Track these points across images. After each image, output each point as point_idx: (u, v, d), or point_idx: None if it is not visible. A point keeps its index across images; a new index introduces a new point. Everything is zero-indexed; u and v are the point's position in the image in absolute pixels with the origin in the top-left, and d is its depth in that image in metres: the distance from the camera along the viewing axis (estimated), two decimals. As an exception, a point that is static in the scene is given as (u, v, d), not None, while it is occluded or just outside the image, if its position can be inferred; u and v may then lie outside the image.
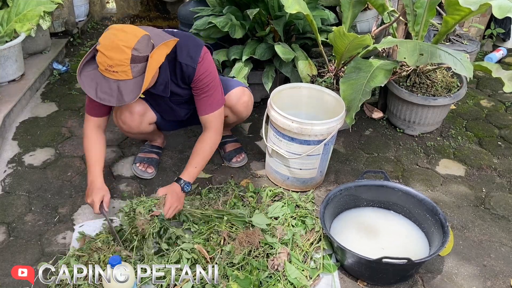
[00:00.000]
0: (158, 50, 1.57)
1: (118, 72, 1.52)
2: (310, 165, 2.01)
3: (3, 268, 1.71)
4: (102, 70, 1.54)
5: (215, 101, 1.85)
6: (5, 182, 2.18)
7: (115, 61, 1.50)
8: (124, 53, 1.49)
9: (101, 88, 1.55)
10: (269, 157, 2.12)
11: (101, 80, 1.55)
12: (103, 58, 1.51)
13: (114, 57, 1.49)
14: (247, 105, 2.05)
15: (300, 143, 1.93)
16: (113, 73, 1.52)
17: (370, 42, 2.09)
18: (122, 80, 1.54)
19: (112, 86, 1.54)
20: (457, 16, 2.15)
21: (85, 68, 1.60)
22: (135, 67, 1.53)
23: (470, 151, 2.44)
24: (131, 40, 1.51)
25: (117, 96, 1.54)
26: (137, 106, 1.94)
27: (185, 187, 1.82)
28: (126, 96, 1.54)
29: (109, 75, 1.53)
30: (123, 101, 1.54)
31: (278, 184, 2.13)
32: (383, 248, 1.75)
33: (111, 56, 1.49)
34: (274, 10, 2.50)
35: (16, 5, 2.82)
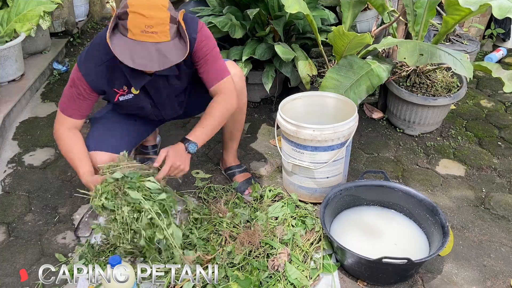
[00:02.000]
0: (180, 17, 1.47)
1: (157, 33, 1.39)
2: (336, 171, 1.97)
3: (3, 268, 1.71)
4: (136, 33, 1.38)
5: (221, 67, 1.71)
6: (5, 182, 2.18)
7: (156, 20, 1.37)
8: (163, 11, 1.39)
9: (137, 54, 1.40)
10: (290, 175, 2.01)
11: (134, 46, 1.40)
12: (139, 19, 1.37)
13: (155, 16, 1.37)
14: (240, 75, 1.87)
15: (325, 150, 1.87)
16: (151, 34, 1.38)
17: (370, 41, 2.10)
18: (161, 43, 1.41)
19: (150, 49, 1.40)
20: (457, 16, 2.15)
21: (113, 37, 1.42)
22: (172, 28, 1.42)
23: (470, 151, 2.44)
24: (165, 0, 1.42)
25: (159, 59, 1.40)
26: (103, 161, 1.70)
27: (190, 147, 1.65)
28: (171, 57, 1.42)
29: (146, 38, 1.39)
30: (169, 62, 1.42)
31: (305, 199, 2.03)
32: (383, 248, 1.75)
33: (151, 14, 1.37)
34: (274, 10, 2.50)
35: (16, 5, 2.82)
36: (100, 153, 1.74)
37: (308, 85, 2.43)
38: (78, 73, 1.62)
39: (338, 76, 2.19)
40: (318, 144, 1.85)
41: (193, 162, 2.32)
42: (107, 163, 1.63)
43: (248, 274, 1.62)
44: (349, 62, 2.23)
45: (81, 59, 1.63)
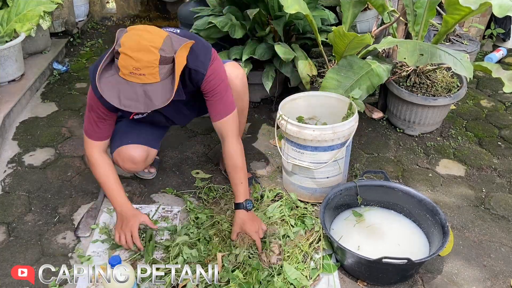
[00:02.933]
0: (180, 52, 1.47)
1: (145, 75, 1.39)
2: (336, 171, 1.96)
3: (3, 268, 1.71)
4: (125, 74, 1.40)
5: (227, 103, 1.74)
6: (5, 182, 2.18)
7: (143, 63, 1.38)
8: (153, 53, 1.38)
9: (124, 95, 1.41)
10: (290, 175, 2.02)
11: (123, 85, 1.41)
12: (128, 61, 1.38)
13: (142, 59, 1.37)
14: (242, 77, 1.89)
15: (325, 150, 1.87)
16: (139, 76, 1.39)
17: (370, 41, 2.10)
18: (148, 84, 1.41)
19: (137, 90, 1.41)
20: (457, 15, 2.15)
21: (103, 75, 1.45)
22: (162, 69, 1.42)
23: (470, 151, 2.44)
24: (158, 41, 1.40)
25: (145, 101, 1.42)
26: (139, 154, 1.85)
27: (248, 206, 1.74)
28: (155, 100, 1.42)
29: (134, 79, 1.40)
30: (153, 105, 1.42)
31: (305, 199, 2.04)
32: (383, 248, 1.75)
33: (139, 57, 1.37)
34: (274, 10, 2.50)
35: (16, 5, 2.82)
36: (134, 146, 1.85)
37: (308, 85, 2.43)
38: (93, 97, 1.63)
39: (338, 76, 2.19)
40: (318, 144, 1.85)
41: (193, 162, 2.33)
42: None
43: (247, 275, 1.61)
44: (349, 62, 2.23)
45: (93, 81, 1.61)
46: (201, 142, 2.49)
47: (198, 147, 2.45)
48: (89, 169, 2.27)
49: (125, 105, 1.42)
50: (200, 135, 2.55)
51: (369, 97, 2.82)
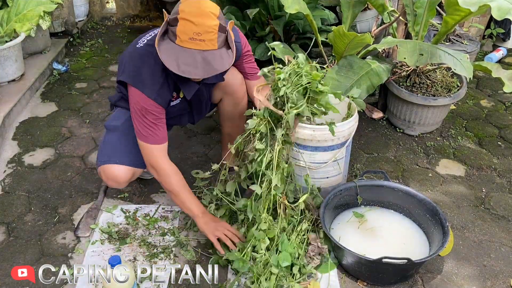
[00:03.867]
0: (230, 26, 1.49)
1: (205, 41, 1.39)
2: (336, 171, 1.96)
3: (3, 268, 1.71)
4: (184, 40, 1.39)
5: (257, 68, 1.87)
6: (5, 182, 2.18)
7: (204, 28, 1.37)
8: (213, 19, 1.39)
9: (183, 61, 1.40)
10: None
11: (181, 52, 1.40)
12: (188, 26, 1.37)
13: (204, 23, 1.37)
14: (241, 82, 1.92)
15: (325, 150, 1.87)
16: (199, 42, 1.38)
17: (370, 41, 2.09)
18: (207, 51, 1.41)
19: (196, 57, 1.40)
20: (457, 16, 2.15)
21: (161, 43, 1.44)
22: (220, 37, 1.42)
23: (470, 151, 2.44)
24: (216, 8, 1.42)
25: (204, 67, 1.40)
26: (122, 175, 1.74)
27: None
28: (216, 65, 1.41)
29: (193, 45, 1.39)
30: (213, 70, 1.42)
31: None
32: (383, 248, 1.75)
33: (200, 22, 1.37)
34: (274, 10, 2.50)
35: (16, 5, 2.82)
36: (119, 167, 1.73)
37: (308, 85, 2.43)
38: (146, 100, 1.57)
39: (338, 76, 2.18)
40: (318, 144, 1.85)
41: (193, 162, 2.33)
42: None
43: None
44: (349, 62, 2.23)
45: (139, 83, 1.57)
46: (201, 142, 2.49)
47: (198, 147, 2.45)
48: (89, 169, 2.27)
49: (183, 70, 1.40)
50: (200, 135, 2.55)
51: (369, 97, 2.82)
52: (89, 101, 2.93)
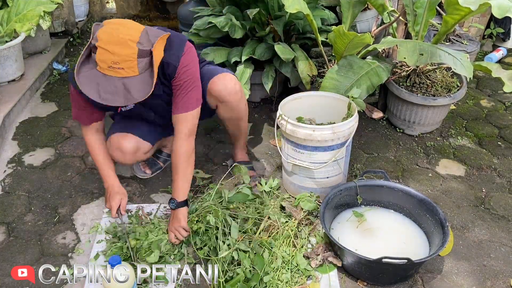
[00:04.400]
0: (157, 45, 1.48)
1: (124, 69, 1.41)
2: (336, 171, 1.97)
3: (3, 268, 1.71)
4: (104, 68, 1.41)
5: (191, 100, 1.71)
6: (5, 182, 2.18)
7: (122, 57, 1.39)
8: (131, 47, 1.40)
9: (103, 88, 1.43)
10: (290, 175, 2.02)
11: (102, 79, 1.43)
12: (106, 55, 1.39)
13: (121, 53, 1.39)
14: (235, 91, 1.86)
15: (325, 150, 1.87)
16: (118, 70, 1.41)
17: (370, 41, 2.10)
18: (127, 77, 1.43)
19: (117, 84, 1.42)
20: (456, 16, 2.15)
21: (82, 69, 1.46)
22: (141, 62, 1.43)
23: (470, 151, 2.44)
24: (135, 34, 1.42)
25: (124, 94, 1.43)
26: (128, 144, 1.86)
27: (170, 205, 1.77)
28: (135, 94, 1.44)
29: (112, 73, 1.41)
30: (133, 99, 1.44)
31: None
32: (383, 248, 1.75)
33: (117, 51, 1.38)
34: (274, 10, 2.50)
35: (16, 5, 2.82)
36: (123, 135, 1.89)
37: (308, 85, 2.43)
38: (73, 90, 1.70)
39: (338, 76, 2.18)
40: (318, 144, 1.85)
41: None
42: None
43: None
44: (349, 62, 2.23)
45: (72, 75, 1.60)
46: (201, 142, 2.49)
47: (198, 147, 2.44)
48: (89, 169, 2.28)
49: (104, 98, 1.43)
50: (200, 135, 2.55)
51: (369, 97, 2.82)
52: (89, 101, 2.93)
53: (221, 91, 1.85)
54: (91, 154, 1.90)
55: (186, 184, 1.78)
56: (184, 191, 1.76)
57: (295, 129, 1.85)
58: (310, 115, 2.11)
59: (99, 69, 1.43)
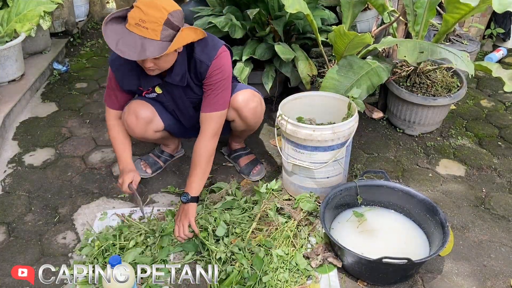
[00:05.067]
0: (188, 30, 1.57)
1: (148, 29, 1.49)
2: (337, 170, 1.96)
3: (3, 268, 1.71)
4: (131, 24, 1.51)
5: (220, 101, 1.80)
6: (5, 182, 2.18)
7: (150, 17, 1.48)
8: (161, 12, 1.49)
9: (123, 41, 1.51)
10: (290, 175, 2.02)
11: (126, 34, 1.52)
12: (137, 12, 1.49)
13: (150, 13, 1.48)
14: (255, 111, 1.94)
15: (325, 150, 1.87)
16: (142, 28, 1.49)
17: (370, 41, 2.10)
18: (148, 38, 1.51)
19: (136, 40, 1.51)
20: (457, 14, 2.15)
21: (111, 22, 1.56)
22: (165, 31, 1.51)
23: (470, 151, 2.44)
24: (171, 5, 1.53)
25: (139, 51, 1.50)
26: (144, 112, 1.92)
27: (182, 198, 1.78)
28: (148, 51, 1.50)
29: (137, 30, 1.50)
30: (145, 55, 1.50)
31: None
32: (383, 248, 1.75)
33: (148, 11, 1.48)
34: (274, 10, 2.50)
35: (16, 5, 2.82)
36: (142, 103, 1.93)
37: (308, 85, 2.43)
38: (110, 70, 1.83)
39: (338, 76, 2.18)
40: (318, 144, 1.85)
41: (193, 162, 2.33)
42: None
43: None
44: (349, 62, 2.23)
45: (112, 57, 1.80)
46: (201, 142, 2.49)
47: (198, 147, 2.45)
48: (89, 169, 2.28)
49: (119, 49, 1.51)
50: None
51: (369, 97, 2.82)
52: (89, 101, 2.93)
53: (240, 103, 1.90)
54: (110, 136, 1.97)
55: (202, 182, 1.83)
56: (198, 188, 1.81)
57: (295, 129, 1.85)
58: (310, 115, 2.11)
59: (127, 26, 1.53)
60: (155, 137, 2.06)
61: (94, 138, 2.53)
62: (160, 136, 2.09)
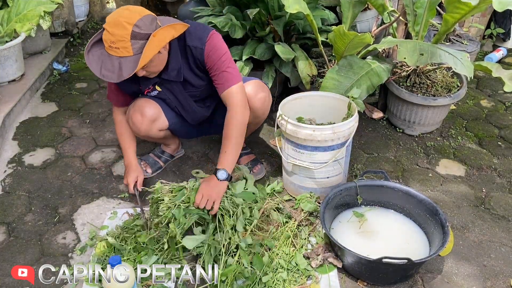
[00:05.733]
0: (162, 30, 1.59)
1: (119, 48, 1.54)
2: (337, 170, 1.96)
3: (3, 268, 1.71)
4: (107, 47, 1.57)
5: (231, 75, 1.78)
6: (5, 182, 2.18)
7: (117, 37, 1.53)
8: (125, 28, 1.52)
9: (104, 66, 1.59)
10: (290, 175, 2.02)
11: (105, 58, 1.59)
12: (106, 35, 1.55)
13: (116, 33, 1.52)
14: (264, 101, 1.94)
15: (325, 150, 1.87)
16: (115, 49, 1.55)
17: (370, 41, 2.10)
18: (123, 57, 1.56)
19: (114, 63, 1.57)
20: (457, 14, 2.15)
21: (93, 48, 1.63)
22: (135, 44, 1.55)
23: (470, 151, 2.44)
24: (133, 17, 1.54)
25: (118, 72, 1.57)
26: (149, 110, 1.94)
27: (219, 175, 1.70)
28: (125, 71, 1.56)
29: (112, 52, 1.56)
30: (122, 76, 1.56)
31: None
32: (383, 248, 1.75)
33: (113, 32, 1.53)
34: (274, 10, 2.50)
35: (16, 5, 2.82)
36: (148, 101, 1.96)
37: (308, 85, 2.43)
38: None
39: (338, 76, 2.19)
40: (318, 144, 1.85)
41: (193, 162, 2.33)
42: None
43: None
44: (349, 62, 2.23)
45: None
46: (201, 142, 2.49)
47: (198, 147, 2.45)
48: (89, 169, 2.28)
49: (103, 75, 1.59)
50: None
51: (369, 97, 2.82)
52: (89, 101, 2.93)
53: (251, 93, 1.90)
54: (116, 132, 2.04)
55: (236, 156, 1.78)
56: (232, 163, 1.76)
57: (296, 129, 1.85)
58: (310, 115, 2.11)
59: (105, 48, 1.59)
60: (159, 136, 2.07)
61: (94, 138, 2.53)
62: (163, 135, 2.10)
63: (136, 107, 1.95)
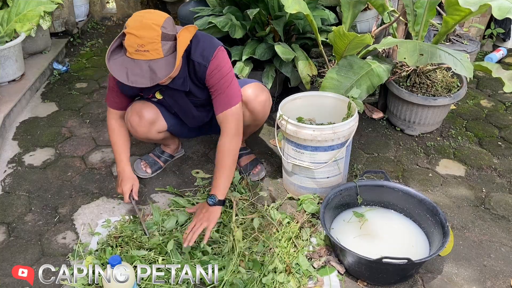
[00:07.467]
0: (183, 32, 1.57)
1: (149, 51, 1.50)
2: (336, 171, 1.96)
3: (3, 268, 1.71)
4: (132, 52, 1.51)
5: (229, 97, 1.76)
6: (5, 182, 2.18)
7: (146, 39, 1.48)
8: (155, 30, 1.49)
9: (132, 72, 1.52)
10: (290, 175, 2.02)
11: (131, 64, 1.53)
12: (132, 39, 1.49)
13: (145, 35, 1.48)
14: (264, 104, 1.94)
15: (325, 150, 1.87)
16: (144, 52, 1.50)
17: (370, 41, 2.10)
18: (153, 60, 1.51)
19: (143, 67, 1.51)
20: (457, 16, 2.15)
21: (112, 56, 1.57)
22: (165, 45, 1.52)
23: (470, 151, 2.44)
24: (159, 19, 1.52)
25: (150, 76, 1.51)
26: (148, 113, 1.93)
27: (209, 200, 1.74)
28: (159, 73, 1.51)
29: (139, 56, 1.51)
30: (157, 78, 1.51)
31: None
32: (383, 248, 1.75)
33: (142, 34, 1.48)
34: (274, 10, 2.50)
35: (16, 5, 2.82)
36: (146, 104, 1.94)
37: (308, 85, 2.43)
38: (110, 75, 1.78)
39: (338, 76, 2.19)
40: (318, 144, 1.85)
41: (193, 162, 2.33)
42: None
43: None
44: (349, 62, 2.23)
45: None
46: (201, 142, 2.49)
47: (198, 147, 2.45)
48: (89, 169, 2.28)
49: (132, 81, 1.53)
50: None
51: (369, 97, 2.82)
52: (89, 101, 2.93)
53: (250, 96, 1.90)
54: (110, 137, 1.97)
55: (228, 183, 1.79)
56: (225, 190, 1.77)
57: (295, 129, 1.85)
58: (310, 115, 2.11)
59: (128, 54, 1.53)
60: (158, 137, 2.07)
61: (94, 138, 2.53)
62: (162, 137, 2.09)
63: (134, 110, 1.92)
